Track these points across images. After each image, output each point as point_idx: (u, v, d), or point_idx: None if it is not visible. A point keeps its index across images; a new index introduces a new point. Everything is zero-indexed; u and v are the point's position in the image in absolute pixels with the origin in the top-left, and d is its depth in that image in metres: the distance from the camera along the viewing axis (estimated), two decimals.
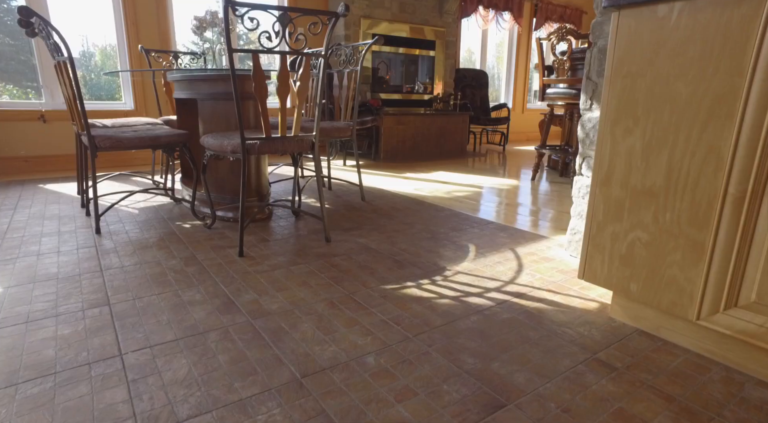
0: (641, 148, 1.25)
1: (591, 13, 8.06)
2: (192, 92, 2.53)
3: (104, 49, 4.53)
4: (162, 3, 4.34)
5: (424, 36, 5.50)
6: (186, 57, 3.87)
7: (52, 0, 3.94)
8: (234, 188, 2.55)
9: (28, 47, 3.99)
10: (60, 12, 4.04)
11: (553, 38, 3.54)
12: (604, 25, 1.82)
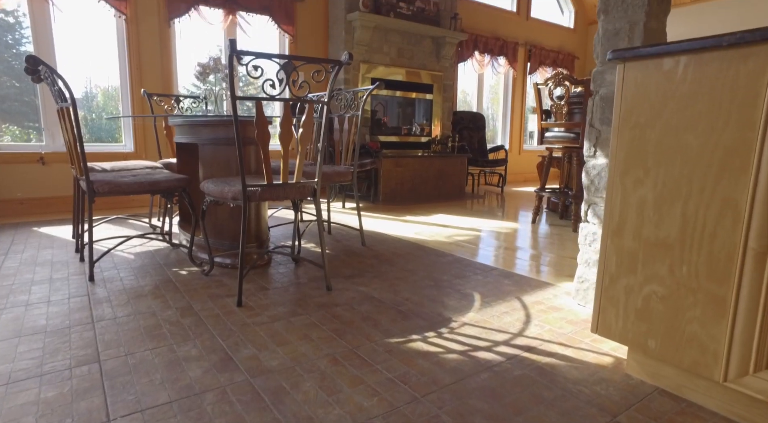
0: (653, 199, 1.23)
1: (583, 58, 8.32)
2: (193, 137, 2.53)
3: (107, 91, 4.59)
4: (166, 48, 4.43)
5: (422, 80, 5.62)
6: (187, 100, 3.91)
7: (59, 42, 4.02)
8: (233, 234, 2.50)
9: (32, 89, 4.04)
10: (66, 53, 4.11)
11: (551, 84, 3.60)
12: (605, 74, 1.84)
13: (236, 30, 4.76)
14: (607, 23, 1.82)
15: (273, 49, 5.13)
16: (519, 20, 7.20)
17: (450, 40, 5.59)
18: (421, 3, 5.35)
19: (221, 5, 4.56)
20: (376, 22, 4.94)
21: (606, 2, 1.82)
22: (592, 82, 1.89)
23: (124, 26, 4.25)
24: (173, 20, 4.42)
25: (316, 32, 5.20)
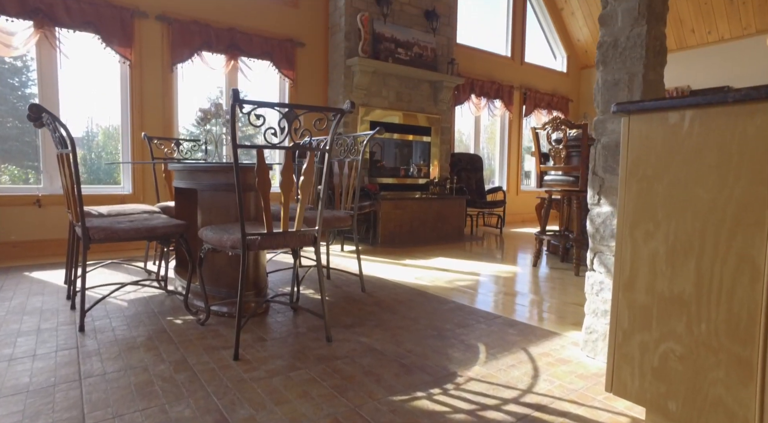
0: (665, 252, 1.20)
1: (576, 101, 8.51)
2: (192, 182, 2.51)
3: (107, 130, 4.62)
4: (168, 92, 4.50)
5: (420, 122, 5.70)
6: (188, 144, 3.93)
7: (63, 84, 4.07)
8: (230, 281, 2.44)
9: (33, 130, 4.05)
10: (69, 93, 4.16)
11: (548, 128, 3.65)
12: (606, 123, 1.85)
13: (237, 74, 4.85)
14: (606, 74, 1.84)
15: (273, 92, 5.22)
16: (514, 65, 7.40)
17: (447, 84, 5.71)
18: (418, 49, 5.50)
19: (223, 51, 4.67)
20: (374, 67, 5.06)
21: (604, 54, 1.85)
22: (593, 131, 1.89)
23: (128, 71, 4.33)
24: (176, 65, 4.50)
25: (315, 77, 5.31)
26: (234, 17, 4.73)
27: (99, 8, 4.04)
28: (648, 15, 1.73)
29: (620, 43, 1.80)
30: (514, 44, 7.39)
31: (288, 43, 5.02)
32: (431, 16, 5.59)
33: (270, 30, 4.95)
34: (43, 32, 3.84)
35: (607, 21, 1.85)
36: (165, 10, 4.39)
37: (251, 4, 4.83)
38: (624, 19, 1.79)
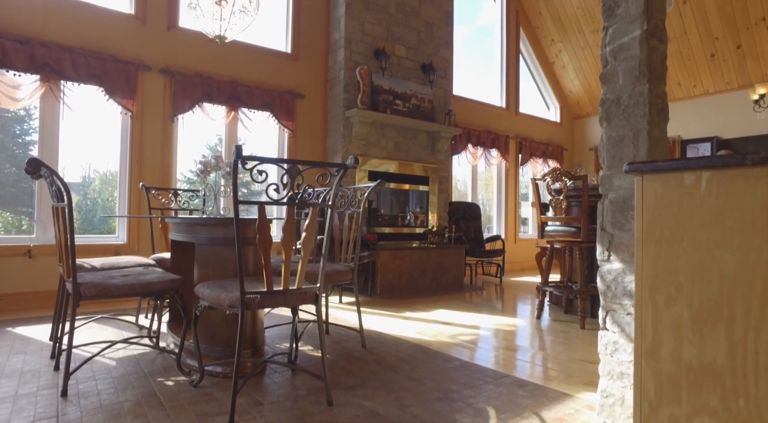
0: (691, 319, 1.14)
1: (571, 149, 8.65)
2: (189, 235, 2.45)
3: (104, 176, 4.60)
4: (168, 143, 4.52)
5: (418, 172, 5.73)
6: (185, 194, 3.90)
7: (63, 131, 4.08)
8: (226, 340, 2.33)
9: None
10: (68, 140, 4.15)
11: (548, 179, 3.66)
12: (613, 178, 1.83)
13: (237, 125, 4.91)
14: (611, 130, 1.85)
15: (272, 142, 5.27)
16: (509, 115, 7.57)
17: (445, 134, 5.80)
18: (416, 100, 5.62)
19: (224, 102, 4.74)
20: (373, 118, 5.14)
21: (608, 111, 1.86)
22: (600, 186, 1.87)
23: (129, 122, 4.36)
24: (177, 116, 4.55)
25: (314, 127, 5.37)
26: (235, 70, 4.84)
27: (105, 62, 4.12)
28: (649, 74, 1.75)
29: (623, 100, 1.81)
30: (509, 95, 7.60)
31: (288, 95, 5.11)
32: (428, 69, 5.75)
33: (270, 82, 5.05)
34: (48, 85, 3.89)
35: (608, 79, 1.87)
36: (169, 63, 4.48)
37: (253, 57, 4.96)
38: (625, 77, 1.81)
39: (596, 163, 8.33)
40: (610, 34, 1.86)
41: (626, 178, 1.78)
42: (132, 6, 4.39)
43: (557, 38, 7.79)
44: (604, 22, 1.90)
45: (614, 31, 1.85)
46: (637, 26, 1.78)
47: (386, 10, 5.49)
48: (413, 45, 5.74)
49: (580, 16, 7.29)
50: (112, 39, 4.22)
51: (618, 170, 1.81)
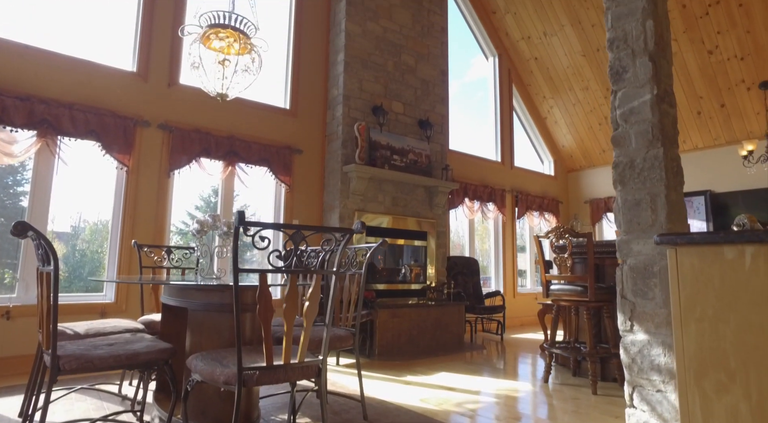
0: (750, 411, 1.02)
1: (566, 203, 8.69)
2: (182, 300, 2.31)
3: (95, 225, 4.46)
4: (163, 198, 4.44)
5: (416, 227, 5.67)
6: (179, 252, 3.77)
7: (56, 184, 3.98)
8: (219, 415, 2.14)
9: None
10: (61, 190, 4.05)
11: (552, 236, 3.59)
12: (631, 244, 1.76)
13: (234, 179, 4.86)
14: (626, 194, 1.79)
15: (269, 196, 5.21)
16: (504, 169, 7.63)
17: (442, 189, 5.79)
18: (413, 155, 5.65)
19: (222, 157, 4.71)
20: (371, 174, 5.13)
21: (622, 174, 1.82)
22: (617, 251, 1.80)
23: (125, 176, 4.30)
24: (173, 171, 4.50)
25: (312, 182, 5.34)
26: (234, 125, 4.86)
27: (103, 118, 4.11)
28: (662, 138, 1.72)
29: (637, 163, 1.77)
30: (504, 150, 7.70)
31: (286, 150, 5.11)
32: (425, 125, 5.83)
33: (268, 137, 5.06)
34: (45, 141, 3.84)
35: (620, 142, 1.84)
36: (168, 119, 4.49)
37: (251, 113, 5.00)
38: (638, 140, 1.78)
39: (592, 215, 8.35)
40: (620, 97, 1.85)
41: (645, 243, 1.70)
42: (134, 64, 4.45)
43: (548, 95, 8.02)
44: (612, 86, 1.89)
45: (623, 95, 1.84)
46: (647, 91, 1.77)
47: (384, 68, 5.63)
48: (410, 101, 5.84)
49: (570, 75, 7.54)
50: (112, 95, 4.24)
51: (636, 235, 1.74)
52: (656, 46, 1.79)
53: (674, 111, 1.81)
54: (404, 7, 5.91)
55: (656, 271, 1.53)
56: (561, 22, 7.03)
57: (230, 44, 3.07)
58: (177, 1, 4.69)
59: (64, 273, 4.25)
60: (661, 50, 1.81)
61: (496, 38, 7.80)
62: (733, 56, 6.31)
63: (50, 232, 4.16)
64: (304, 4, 5.53)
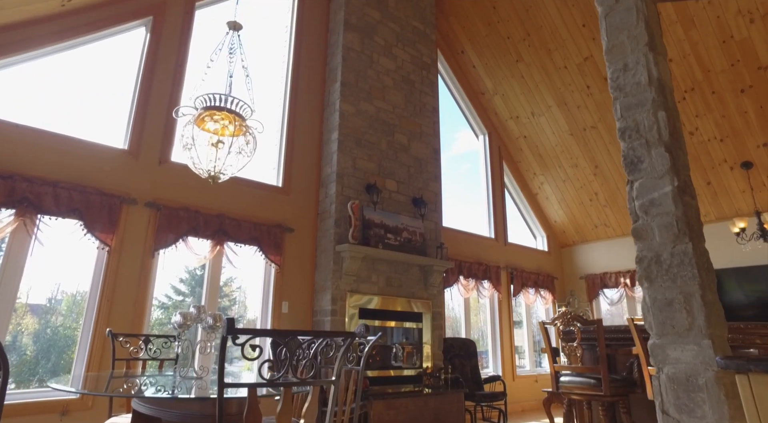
0: None
1: (561, 278, 8.52)
2: (157, 408, 2.03)
3: (73, 297, 4.14)
4: (145, 279, 4.18)
5: (411, 308, 5.42)
6: (158, 340, 3.47)
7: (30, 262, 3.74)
8: None
9: None
10: (36, 263, 3.78)
11: (559, 324, 3.38)
12: (667, 349, 1.58)
13: (222, 259, 4.65)
14: (655, 292, 1.64)
15: (258, 277, 4.97)
16: (498, 245, 7.53)
17: (437, 268, 5.62)
18: (407, 234, 5.53)
19: (210, 236, 4.53)
20: (365, 253, 4.96)
21: (647, 270, 1.68)
22: (652, 357, 1.61)
23: (105, 257, 4.07)
24: (158, 251, 4.29)
25: (303, 262, 5.14)
26: (224, 204, 4.73)
27: (89, 196, 3.96)
28: (689, 232, 1.61)
29: (664, 259, 1.64)
30: (497, 226, 7.65)
31: (277, 229, 4.96)
32: (419, 203, 5.77)
33: (259, 216, 4.93)
34: (23, 220, 3.66)
35: (642, 235, 1.72)
36: (156, 197, 4.35)
37: (242, 191, 4.89)
38: (662, 234, 1.66)
39: (588, 291, 8.17)
40: (637, 188, 1.76)
41: (684, 349, 1.52)
42: (126, 141, 4.38)
43: (539, 171, 8.14)
44: (628, 176, 1.81)
45: (641, 185, 1.75)
46: (667, 182, 1.68)
47: (377, 146, 5.66)
48: (404, 179, 5.83)
49: (558, 152, 7.70)
50: (100, 172, 4.12)
51: (671, 339, 1.57)
52: (671, 136, 1.73)
53: (695, 202, 1.72)
54: (397, 89, 6.09)
55: (702, 385, 1.34)
56: (548, 103, 7.30)
57: (225, 126, 3.02)
58: (174, 81, 4.75)
59: (31, 353, 3.88)
60: (676, 141, 1.75)
61: (486, 117, 8.04)
62: (713, 137, 6.52)
63: (23, 305, 3.86)
64: (299, 85, 5.65)
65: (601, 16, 2.05)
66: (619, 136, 1.87)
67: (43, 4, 4.04)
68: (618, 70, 1.92)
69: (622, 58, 1.91)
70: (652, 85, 1.78)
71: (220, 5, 5.39)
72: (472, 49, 7.48)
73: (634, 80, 1.85)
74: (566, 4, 6.34)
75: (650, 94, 1.78)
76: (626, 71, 1.88)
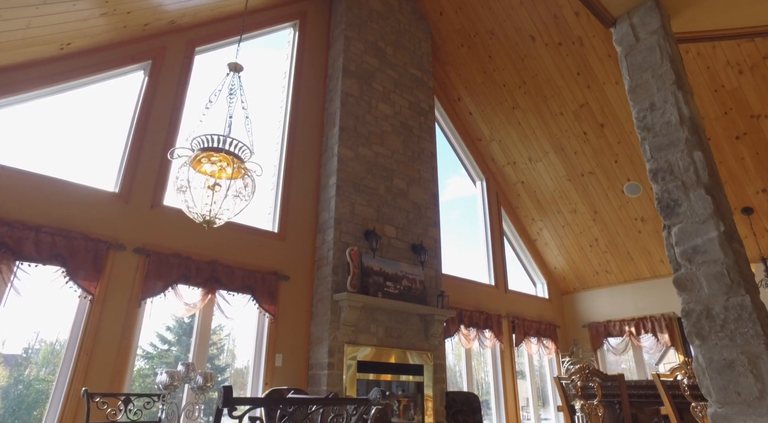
0: None
1: (563, 327, 8.24)
2: None
3: (52, 346, 3.81)
4: (129, 330, 3.90)
5: (411, 360, 5.12)
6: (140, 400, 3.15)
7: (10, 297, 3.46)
8: None
9: None
10: (15, 306, 3.49)
11: (576, 379, 3.14)
12: (734, 420, 1.37)
13: (213, 308, 4.39)
14: (710, 352, 1.45)
15: (251, 327, 4.69)
16: (498, 293, 7.30)
17: (438, 317, 5.36)
18: (407, 282, 5.31)
19: (202, 284, 4.28)
20: (364, 302, 4.72)
21: (697, 326, 1.50)
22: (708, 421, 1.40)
23: (88, 306, 3.80)
24: (145, 300, 4.03)
25: (298, 311, 4.88)
26: (217, 250, 4.52)
27: (73, 241, 3.74)
28: (744, 283, 1.44)
29: (716, 314, 1.46)
30: (497, 273, 7.45)
31: (272, 277, 4.73)
32: (418, 249, 5.59)
33: (254, 263, 4.71)
34: None
35: (686, 285, 1.55)
36: (146, 242, 4.14)
37: (237, 237, 4.70)
38: (711, 285, 1.50)
39: (592, 340, 7.89)
40: (676, 234, 1.61)
41: (756, 421, 1.32)
42: (117, 185, 4.22)
43: (537, 217, 8.05)
44: (664, 220, 1.66)
45: (680, 231, 1.60)
46: (712, 227, 1.53)
47: (376, 192, 5.54)
48: (403, 225, 5.68)
49: (557, 198, 7.64)
50: (88, 217, 3.93)
51: (738, 409, 1.36)
52: (710, 178, 1.60)
53: (744, 251, 1.57)
54: (395, 134, 6.05)
55: None
56: (545, 149, 7.31)
57: (222, 168, 2.87)
58: (170, 125, 4.65)
59: None
60: (716, 182, 1.63)
61: (483, 163, 8.03)
62: None
63: None
64: (296, 129, 5.59)
65: (621, 55, 1.98)
66: (650, 178, 1.75)
67: (42, 47, 3.99)
68: (644, 109, 1.82)
69: (648, 97, 1.81)
70: (684, 124, 1.68)
71: (219, 51, 5.41)
72: (469, 96, 7.56)
73: (663, 119, 1.74)
74: (560, 54, 6.47)
75: (683, 133, 1.67)
76: (653, 110, 1.78)
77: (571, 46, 6.35)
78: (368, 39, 6.21)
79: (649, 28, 1.89)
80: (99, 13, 4.00)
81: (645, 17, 1.92)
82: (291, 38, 6.14)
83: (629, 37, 1.95)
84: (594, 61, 6.31)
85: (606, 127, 6.68)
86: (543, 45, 6.52)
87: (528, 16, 6.43)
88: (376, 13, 6.46)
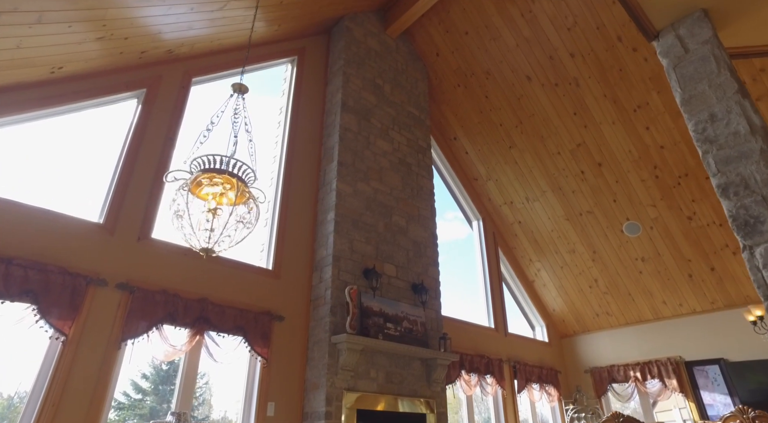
0: None
1: (564, 372, 7.90)
2: None
3: (9, 401, 3.35)
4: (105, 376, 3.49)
5: (413, 408, 4.72)
6: None
7: None
8: None
9: None
10: None
11: None
12: None
13: (201, 351, 4.00)
14: None
15: (241, 371, 4.28)
16: (498, 337, 6.99)
17: (441, 361, 5.02)
18: (408, 323, 5.00)
19: (190, 325, 3.92)
20: (364, 345, 4.38)
21: None
22: None
23: (60, 348, 3.41)
24: (126, 341, 3.64)
25: (293, 355, 4.50)
26: (208, 287, 4.18)
27: (49, 276, 3.40)
28: None
29: None
30: (496, 316, 7.17)
31: (265, 317, 4.38)
32: (419, 289, 5.32)
33: (246, 302, 4.37)
34: None
35: None
36: (130, 278, 3.80)
37: (229, 273, 4.38)
38: None
39: (595, 386, 7.53)
40: (762, 255, 1.41)
41: None
42: (102, 216, 3.92)
43: (535, 258, 7.87)
44: (743, 240, 1.47)
45: (767, 251, 1.41)
46: None
47: (375, 229, 5.32)
48: (402, 264, 5.42)
49: (555, 238, 7.50)
50: (67, 249, 3.60)
51: None
52: None
53: None
54: (394, 170, 5.91)
55: None
56: (542, 189, 7.24)
57: (225, 192, 2.63)
58: (162, 156, 4.42)
59: None
60: None
61: (479, 203, 7.91)
62: (711, 222, 6.45)
63: None
64: (293, 164, 5.41)
65: (668, 67, 1.85)
66: (719, 194, 1.57)
67: (32, 70, 3.79)
68: (703, 120, 1.68)
69: (707, 108, 1.67)
70: (756, 134, 1.53)
71: (217, 82, 5.29)
72: (465, 135, 7.54)
73: (729, 130, 1.59)
74: (557, 94, 6.53)
75: (756, 143, 1.51)
76: (714, 121, 1.64)
77: (567, 87, 6.42)
78: (366, 76, 6.18)
79: (699, 39, 1.79)
80: (95, 37, 3.84)
81: (693, 28, 1.82)
82: (288, 75, 6.08)
83: (677, 48, 1.83)
84: (590, 101, 6.37)
85: (603, 166, 6.66)
86: (539, 85, 6.58)
87: (524, 57, 6.52)
88: (374, 52, 6.48)
